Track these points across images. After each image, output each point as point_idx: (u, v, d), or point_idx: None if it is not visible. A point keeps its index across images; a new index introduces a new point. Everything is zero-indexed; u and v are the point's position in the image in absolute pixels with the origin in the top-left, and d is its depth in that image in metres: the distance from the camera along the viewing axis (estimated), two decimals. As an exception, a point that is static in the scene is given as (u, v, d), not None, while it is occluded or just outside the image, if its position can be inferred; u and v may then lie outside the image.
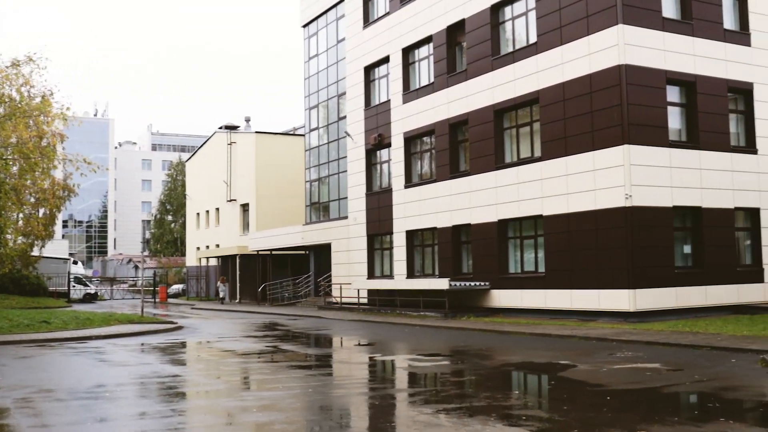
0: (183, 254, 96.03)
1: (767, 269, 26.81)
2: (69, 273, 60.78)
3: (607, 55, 24.58)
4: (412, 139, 35.22)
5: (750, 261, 26.95)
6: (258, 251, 50.59)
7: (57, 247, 71.08)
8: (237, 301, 54.14)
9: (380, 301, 35.72)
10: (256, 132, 57.25)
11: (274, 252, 50.07)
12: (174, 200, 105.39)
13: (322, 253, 44.40)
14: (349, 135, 39.44)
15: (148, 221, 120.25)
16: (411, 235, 34.98)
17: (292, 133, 62.08)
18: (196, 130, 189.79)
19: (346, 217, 40.26)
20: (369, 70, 38.80)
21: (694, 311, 24.78)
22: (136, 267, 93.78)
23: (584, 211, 25.25)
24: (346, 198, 40.54)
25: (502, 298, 28.94)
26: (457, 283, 29.56)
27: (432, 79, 33.74)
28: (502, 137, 29.67)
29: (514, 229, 29.09)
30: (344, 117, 41.14)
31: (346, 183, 40.63)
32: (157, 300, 61.15)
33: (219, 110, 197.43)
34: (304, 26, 45.98)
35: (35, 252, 55.23)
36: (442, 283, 29.87)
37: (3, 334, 24.10)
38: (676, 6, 26.06)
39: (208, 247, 63.81)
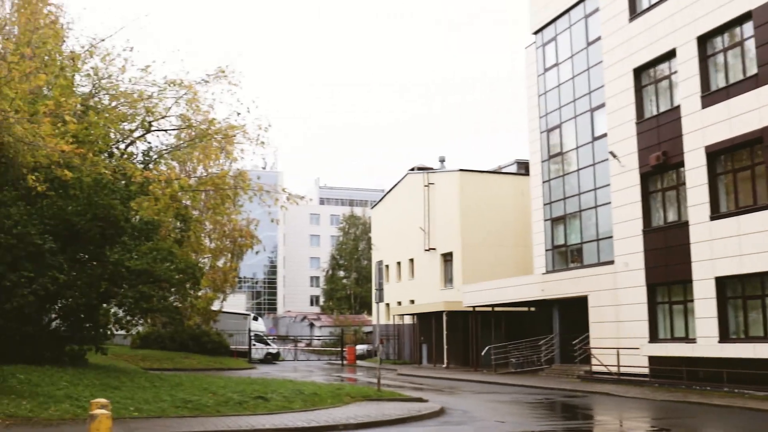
0: (357, 312, 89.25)
1: None
2: (249, 330, 54.60)
3: None
4: (718, 154, 26.14)
5: None
6: (474, 307, 42.26)
7: (235, 302, 65.62)
8: (444, 366, 45.76)
9: (673, 372, 26.49)
10: (460, 170, 49.32)
11: (495, 309, 41.67)
12: (345, 254, 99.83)
13: (568, 309, 35.43)
14: (615, 156, 30.67)
15: (316, 277, 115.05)
16: (723, 283, 25.65)
17: (500, 171, 53.85)
18: (365, 183, 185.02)
19: (610, 262, 31.25)
20: (640, 72, 30.15)
21: None
22: (312, 325, 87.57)
23: None
24: (610, 238, 31.56)
25: None
26: None
27: (754, 70, 24.74)
28: None
29: None
30: (603, 135, 32.49)
31: (608, 219, 31.77)
32: (345, 362, 53.83)
33: (391, 163, 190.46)
34: (536, 33, 37.94)
35: (215, 306, 49.53)
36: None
37: (208, 415, 16.66)
38: None
39: (400, 303, 56.08)
